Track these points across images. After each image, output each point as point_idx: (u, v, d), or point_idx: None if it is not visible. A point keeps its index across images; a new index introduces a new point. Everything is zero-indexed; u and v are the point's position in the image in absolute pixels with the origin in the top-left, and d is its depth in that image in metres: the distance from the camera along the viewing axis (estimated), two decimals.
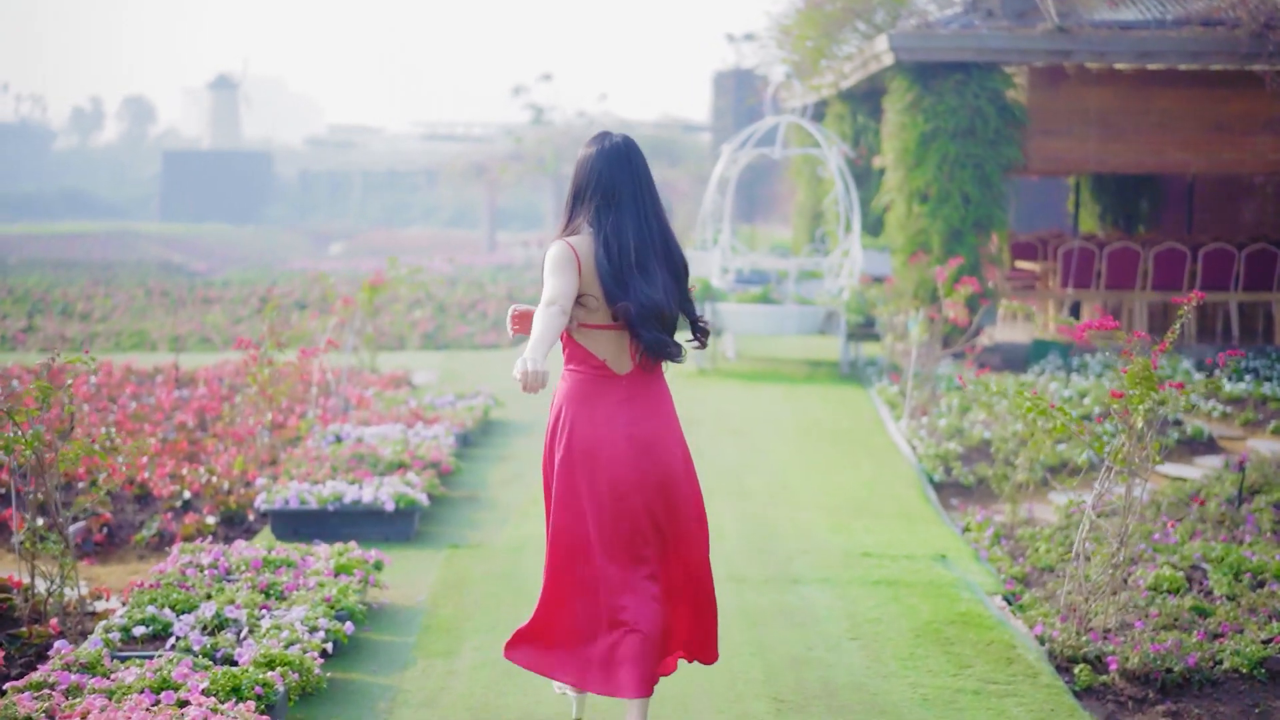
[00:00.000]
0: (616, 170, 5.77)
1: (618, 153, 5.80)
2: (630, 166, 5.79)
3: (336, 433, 12.09)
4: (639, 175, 5.80)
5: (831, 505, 10.98)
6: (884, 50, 18.63)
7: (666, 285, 5.75)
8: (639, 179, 5.79)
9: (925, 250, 18.39)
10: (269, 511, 9.58)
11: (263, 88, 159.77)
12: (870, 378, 17.41)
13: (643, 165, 5.83)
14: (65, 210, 72.23)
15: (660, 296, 5.71)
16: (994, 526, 10.40)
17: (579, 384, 5.88)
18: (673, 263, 5.82)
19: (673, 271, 5.82)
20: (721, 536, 9.82)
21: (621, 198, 5.75)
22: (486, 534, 9.95)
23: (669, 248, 5.82)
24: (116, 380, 15.87)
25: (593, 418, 5.82)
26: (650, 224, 5.77)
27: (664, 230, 5.81)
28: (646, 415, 5.86)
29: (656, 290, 5.71)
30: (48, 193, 75.12)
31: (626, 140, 5.86)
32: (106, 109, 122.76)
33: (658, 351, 5.77)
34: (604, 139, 5.87)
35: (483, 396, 14.52)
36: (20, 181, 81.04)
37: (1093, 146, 19.05)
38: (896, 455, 13.06)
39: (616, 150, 5.80)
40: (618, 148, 5.81)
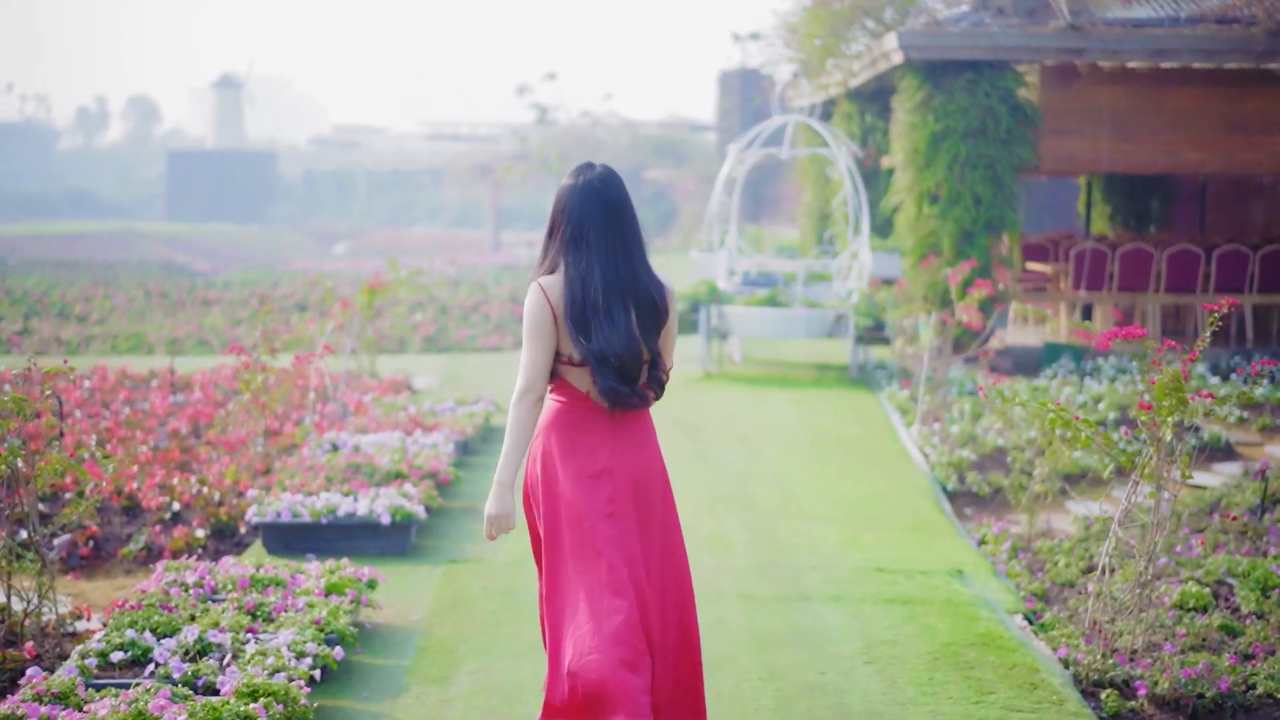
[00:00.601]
0: (587, 206, 5.56)
1: (590, 188, 5.59)
2: (602, 201, 5.57)
3: (333, 441, 11.76)
4: (611, 210, 5.57)
5: (842, 517, 10.64)
6: (893, 48, 18.32)
7: (630, 328, 5.51)
8: (610, 214, 5.57)
9: (936, 252, 18.06)
10: (260, 524, 9.24)
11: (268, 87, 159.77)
12: (880, 382, 17.07)
13: (616, 199, 5.59)
14: (69, 210, 72.17)
15: (620, 341, 5.47)
16: (1011, 539, 10.07)
17: (561, 413, 5.68)
18: (642, 303, 5.56)
19: (644, 311, 5.56)
20: (729, 551, 9.49)
21: (590, 235, 5.54)
22: (486, 548, 9.60)
23: (638, 286, 5.56)
24: (110, 385, 15.54)
25: (574, 449, 5.62)
26: (618, 261, 5.54)
27: (634, 268, 5.57)
28: (630, 448, 5.63)
29: (617, 334, 5.47)
30: (52, 192, 75.06)
31: (604, 174, 5.64)
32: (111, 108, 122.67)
33: (613, 400, 5.54)
34: (580, 172, 5.66)
35: (484, 402, 14.19)
36: (24, 181, 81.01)
37: (1106, 146, 18.73)
38: (908, 463, 12.72)
39: (589, 185, 5.59)
40: (590, 183, 5.60)
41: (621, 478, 5.58)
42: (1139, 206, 24.26)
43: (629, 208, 5.62)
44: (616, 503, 5.57)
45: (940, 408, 14.17)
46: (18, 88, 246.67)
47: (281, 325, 22.11)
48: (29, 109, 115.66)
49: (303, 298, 26.01)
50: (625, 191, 5.64)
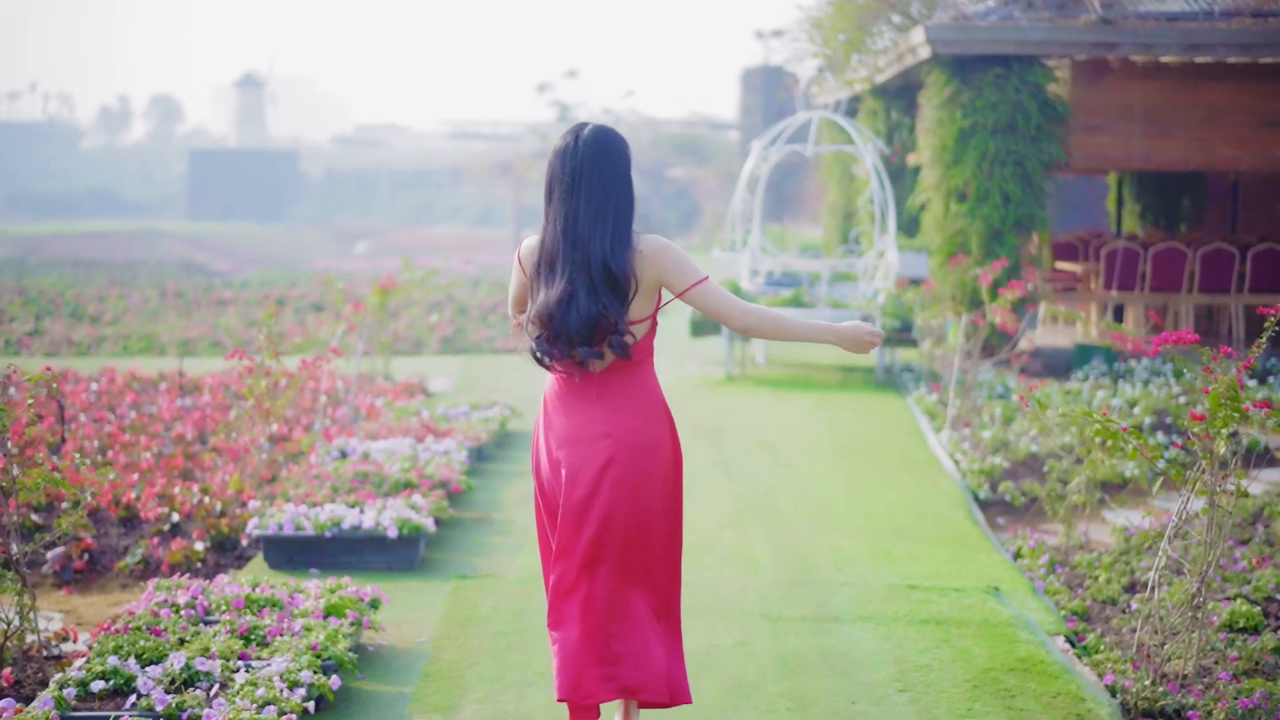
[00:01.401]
0: (558, 165, 5.49)
1: (565, 149, 5.49)
2: (572, 162, 5.46)
3: (341, 448, 11.34)
4: (580, 171, 5.44)
5: (872, 529, 10.19)
6: (920, 43, 17.88)
7: (569, 289, 5.39)
8: (578, 175, 5.44)
9: (964, 251, 17.61)
10: (261, 538, 8.81)
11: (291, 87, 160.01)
12: (906, 385, 16.62)
13: (591, 160, 5.45)
14: (92, 209, 72.22)
15: (553, 300, 5.40)
16: (1048, 552, 9.61)
17: (551, 383, 5.72)
18: (594, 266, 5.40)
19: (597, 277, 5.40)
20: (754, 567, 9.04)
21: (556, 194, 5.49)
22: (498, 562, 9.17)
23: (589, 250, 5.40)
24: (118, 387, 15.15)
25: (549, 419, 5.67)
26: (576, 223, 5.42)
27: (591, 230, 5.40)
28: (621, 414, 5.53)
29: (552, 292, 5.40)
30: (74, 191, 75.13)
31: (588, 135, 5.51)
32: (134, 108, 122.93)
33: (537, 359, 5.57)
34: (568, 133, 5.56)
35: (499, 407, 13.75)
36: (47, 180, 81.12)
37: (1138, 143, 18.27)
38: (938, 471, 12.27)
39: (566, 146, 5.50)
40: (568, 144, 5.50)
41: (579, 449, 5.53)
42: (1169, 205, 23.77)
43: (606, 170, 5.45)
44: (568, 479, 5.54)
45: (970, 412, 13.72)
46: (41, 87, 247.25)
47: (296, 326, 21.72)
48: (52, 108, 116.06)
49: (319, 298, 25.61)
50: (607, 155, 5.47)
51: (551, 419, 5.64)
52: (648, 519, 5.56)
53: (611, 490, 5.49)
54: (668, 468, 5.61)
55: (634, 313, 5.46)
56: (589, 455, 5.51)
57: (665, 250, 5.43)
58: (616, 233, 5.41)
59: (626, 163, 5.50)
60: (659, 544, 5.60)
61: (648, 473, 5.54)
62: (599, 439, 5.51)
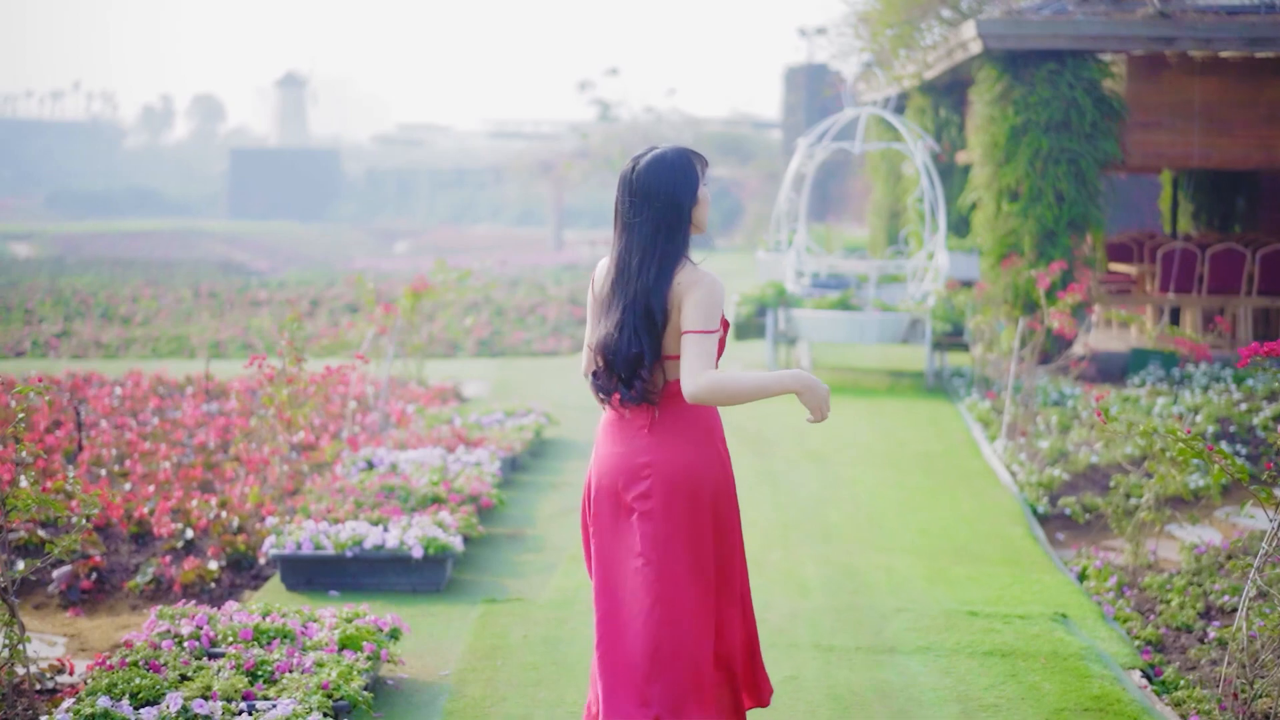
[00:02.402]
0: (619, 192, 5.29)
1: (624, 175, 5.28)
2: (629, 190, 5.24)
3: (369, 458, 10.80)
4: (635, 199, 5.22)
5: (927, 548, 9.60)
6: (971, 38, 17.30)
7: (616, 323, 5.20)
8: (634, 204, 5.22)
9: (1017, 252, 17.03)
10: (278, 557, 8.28)
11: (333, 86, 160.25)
12: (957, 391, 16.03)
13: (644, 189, 5.21)
14: (133, 208, 72.20)
15: (606, 335, 5.22)
16: (1115, 573, 9.02)
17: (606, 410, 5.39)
18: (638, 301, 5.17)
19: (639, 311, 5.18)
20: (804, 591, 8.46)
21: (618, 222, 5.29)
22: (530, 584, 8.61)
23: (635, 283, 5.19)
24: (143, 392, 14.67)
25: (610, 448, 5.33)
26: (628, 253, 5.23)
27: (640, 262, 5.20)
28: (639, 447, 5.25)
29: (608, 328, 5.21)
30: (116, 190, 75.09)
31: (646, 161, 5.26)
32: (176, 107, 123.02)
33: (594, 393, 5.32)
34: (632, 158, 5.32)
35: (534, 414, 13.19)
36: (90, 179, 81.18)
37: (1196, 140, 17.67)
38: (994, 483, 11.67)
39: (625, 173, 5.28)
40: (627, 171, 5.28)
41: (605, 481, 5.31)
42: (1223, 204, 23.06)
43: (658, 202, 5.19)
44: (597, 513, 5.36)
45: (1025, 420, 13.13)
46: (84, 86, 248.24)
47: (329, 328, 21.23)
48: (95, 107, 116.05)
49: (354, 299, 25.10)
50: (661, 185, 5.20)
51: (599, 448, 5.39)
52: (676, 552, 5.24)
53: (641, 521, 5.22)
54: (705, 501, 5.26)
55: (670, 347, 5.19)
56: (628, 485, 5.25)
57: (695, 286, 5.12)
58: (661, 268, 5.16)
59: (682, 190, 5.20)
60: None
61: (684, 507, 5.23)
62: (641, 469, 5.23)
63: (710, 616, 5.20)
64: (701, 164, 5.30)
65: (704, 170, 5.31)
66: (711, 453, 5.28)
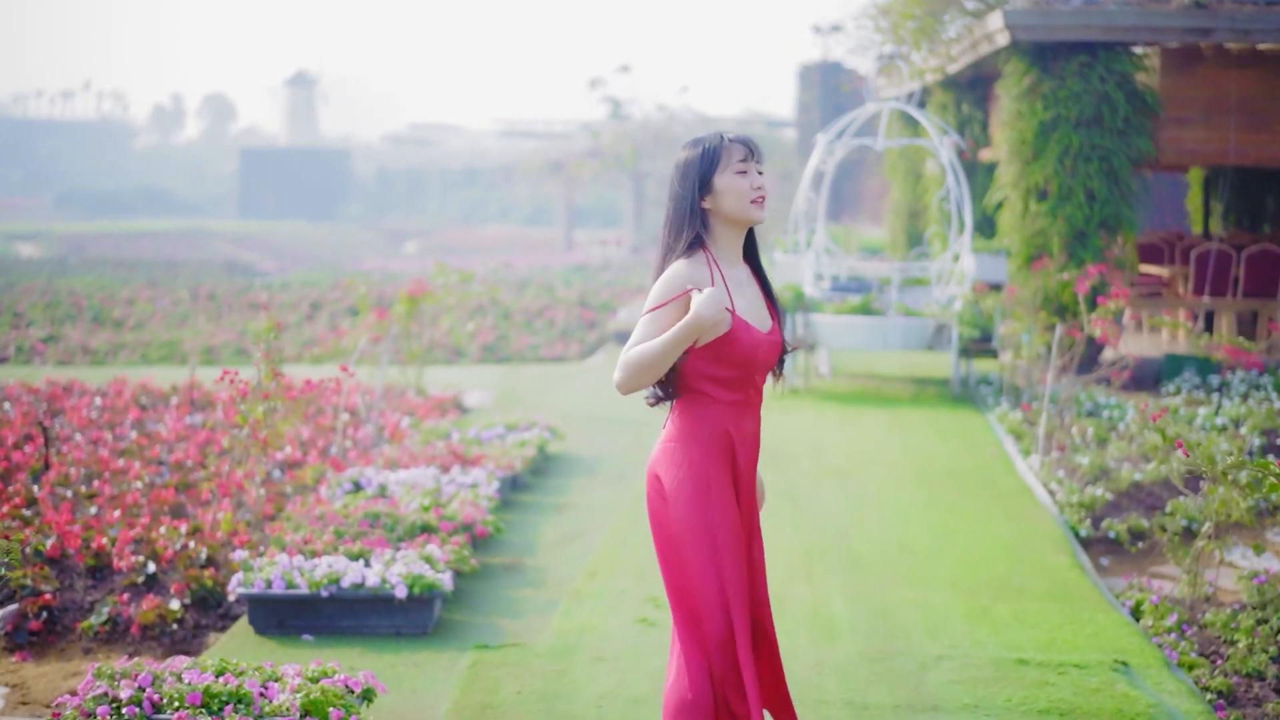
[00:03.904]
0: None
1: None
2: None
3: (355, 479, 9.95)
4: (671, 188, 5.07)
5: (965, 580, 8.72)
6: (998, 29, 16.48)
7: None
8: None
9: (1046, 254, 16.18)
10: (246, 597, 7.44)
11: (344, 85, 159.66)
12: (985, 399, 15.18)
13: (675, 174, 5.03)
14: (143, 208, 71.69)
15: None
16: (1174, 609, 8.15)
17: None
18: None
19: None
20: (832, 634, 7.56)
21: None
22: (527, 626, 7.73)
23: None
24: (124, 402, 13.85)
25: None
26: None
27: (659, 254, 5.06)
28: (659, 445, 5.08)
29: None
30: (126, 190, 74.60)
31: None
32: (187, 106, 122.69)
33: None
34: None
35: (538, 428, 12.33)
36: (100, 179, 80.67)
37: (1232, 137, 16.84)
38: (1032, 503, 10.81)
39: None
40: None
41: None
42: (1253, 204, 22.16)
43: (669, 190, 5.04)
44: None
45: (1057, 430, 12.28)
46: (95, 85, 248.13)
47: (329, 332, 20.39)
48: (106, 107, 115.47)
49: (356, 301, 24.23)
50: (673, 173, 5.02)
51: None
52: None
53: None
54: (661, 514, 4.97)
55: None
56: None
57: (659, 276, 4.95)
58: (661, 262, 5.00)
59: (685, 182, 4.96)
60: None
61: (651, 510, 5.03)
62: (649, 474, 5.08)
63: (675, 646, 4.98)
64: (728, 150, 4.89)
65: (735, 156, 4.90)
66: (679, 459, 4.94)
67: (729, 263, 4.97)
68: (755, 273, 5.08)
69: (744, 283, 5.00)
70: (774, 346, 4.99)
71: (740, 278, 4.99)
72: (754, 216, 4.93)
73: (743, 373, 4.91)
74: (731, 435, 4.94)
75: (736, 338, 4.86)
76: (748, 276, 5.03)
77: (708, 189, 4.89)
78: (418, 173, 76.46)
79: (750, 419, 5.01)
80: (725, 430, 4.93)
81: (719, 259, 4.94)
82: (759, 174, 4.94)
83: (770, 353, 4.98)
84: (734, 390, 4.93)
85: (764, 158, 5.00)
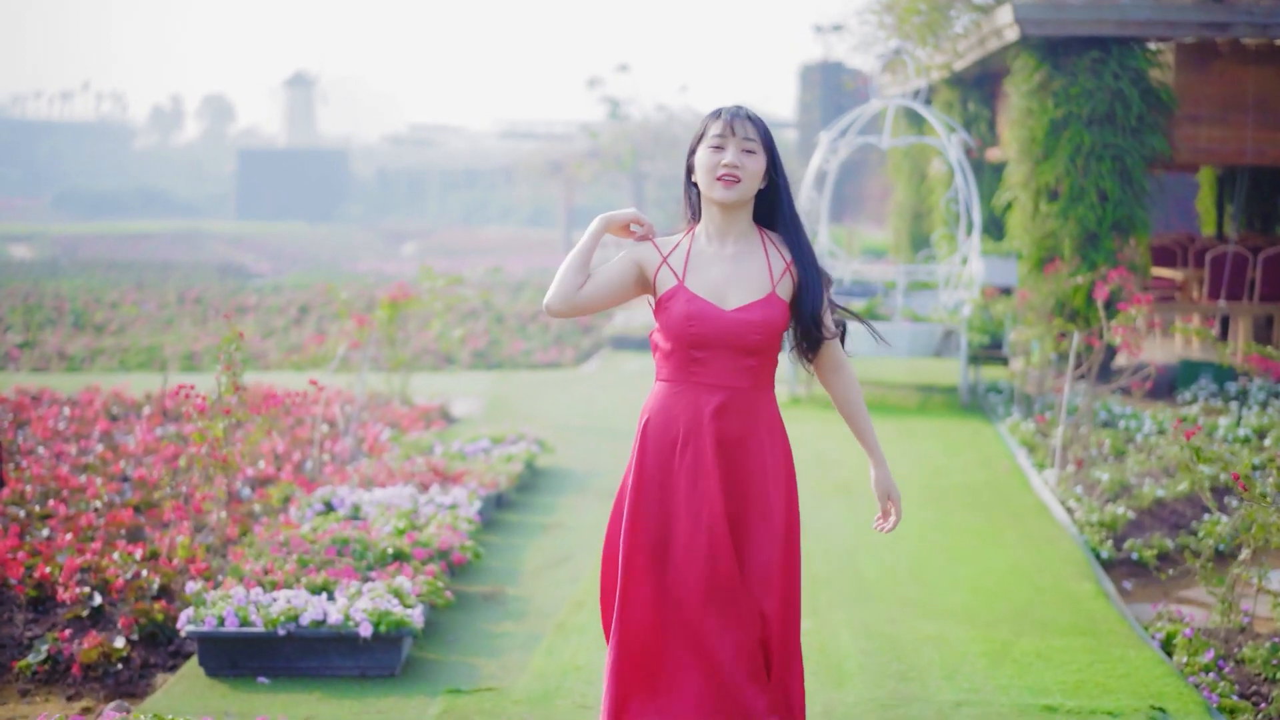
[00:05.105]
0: None
1: None
2: None
3: (327, 498, 9.29)
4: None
5: (983, 611, 8.05)
6: (1007, 24, 15.90)
7: None
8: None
9: (1059, 257, 15.57)
10: (196, 635, 6.78)
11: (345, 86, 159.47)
12: (995, 408, 14.54)
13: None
14: (142, 209, 71.34)
15: None
16: (1210, 644, 7.49)
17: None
18: None
19: None
20: (840, 676, 6.86)
21: None
22: (505, 665, 7.03)
23: None
24: (94, 413, 13.20)
25: None
26: None
27: None
28: None
29: None
30: (125, 191, 74.26)
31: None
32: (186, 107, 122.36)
33: None
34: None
35: (526, 441, 11.67)
36: (99, 180, 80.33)
37: (1250, 135, 16.27)
38: (1049, 523, 10.16)
39: None
40: None
41: None
42: (1265, 205, 21.55)
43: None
44: None
45: (1072, 441, 11.64)
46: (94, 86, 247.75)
47: (316, 337, 19.73)
48: (105, 108, 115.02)
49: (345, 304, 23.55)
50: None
51: None
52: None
53: None
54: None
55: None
56: None
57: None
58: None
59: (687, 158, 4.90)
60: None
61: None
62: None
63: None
64: (710, 124, 4.77)
65: (712, 130, 4.76)
66: (636, 435, 4.86)
67: (718, 239, 4.81)
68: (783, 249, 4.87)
69: (729, 259, 4.79)
70: (737, 325, 4.71)
71: (726, 253, 4.79)
72: (718, 195, 4.72)
73: (678, 347, 4.73)
74: (679, 418, 4.74)
75: (668, 305, 4.72)
76: (744, 252, 4.81)
77: (691, 165, 4.80)
78: (417, 174, 76.04)
79: (710, 403, 4.75)
80: (672, 413, 4.76)
81: (707, 234, 4.83)
82: (746, 151, 4.73)
83: (730, 332, 4.71)
84: (680, 366, 4.76)
85: (758, 133, 4.70)
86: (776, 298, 4.78)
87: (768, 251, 4.82)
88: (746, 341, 4.74)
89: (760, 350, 4.79)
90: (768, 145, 4.79)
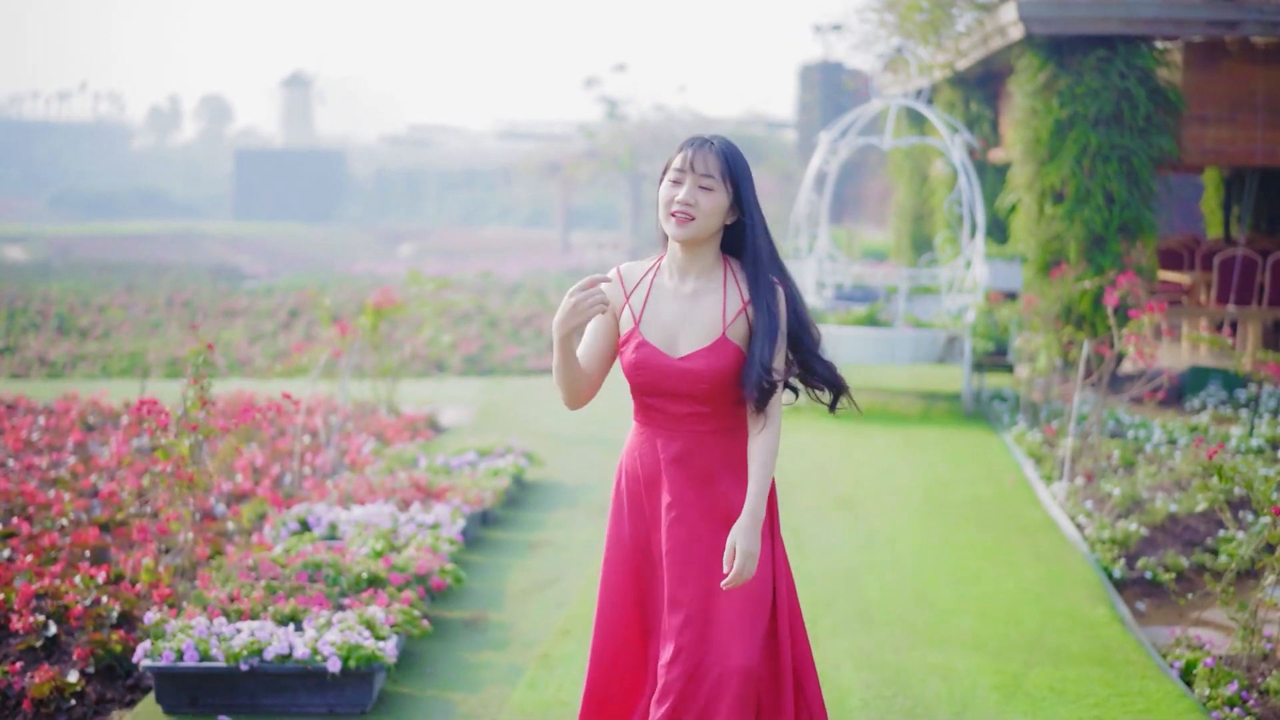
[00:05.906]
0: None
1: None
2: None
3: (303, 517, 8.86)
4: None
5: (992, 639, 7.60)
6: (1011, 22, 15.54)
7: None
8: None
9: (1065, 260, 15.18)
10: (154, 670, 6.35)
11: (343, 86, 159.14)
12: (1000, 417, 14.12)
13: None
14: (139, 210, 71.01)
15: None
16: (1232, 675, 7.07)
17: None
18: None
19: None
20: (844, 712, 6.42)
21: None
22: (484, 701, 6.59)
23: None
24: (70, 423, 12.77)
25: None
26: None
27: None
28: None
29: None
30: (122, 192, 73.95)
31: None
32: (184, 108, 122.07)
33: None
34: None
35: (514, 454, 11.24)
36: (96, 180, 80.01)
37: (1259, 135, 15.94)
38: (1059, 540, 9.73)
39: None
40: None
41: None
42: (1274, 207, 21.13)
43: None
44: None
45: (1081, 454, 11.21)
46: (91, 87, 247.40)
47: (305, 343, 19.30)
48: (102, 108, 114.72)
49: (336, 308, 23.16)
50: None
51: None
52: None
53: None
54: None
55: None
56: None
57: None
58: None
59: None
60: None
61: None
62: None
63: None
64: (674, 158, 4.54)
65: (674, 164, 4.54)
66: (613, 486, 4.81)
67: (679, 274, 4.60)
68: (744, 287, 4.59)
69: (686, 297, 4.58)
70: (684, 375, 4.51)
71: (685, 291, 4.58)
72: (671, 232, 4.51)
73: (633, 392, 4.63)
74: (642, 461, 4.64)
75: (623, 350, 4.61)
76: (702, 290, 4.58)
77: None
78: (416, 174, 75.70)
79: (670, 448, 4.58)
80: (636, 455, 4.67)
81: (669, 268, 4.63)
82: (703, 189, 4.46)
83: (678, 380, 4.52)
84: (640, 409, 4.65)
85: (720, 169, 4.44)
86: (727, 341, 4.51)
87: (726, 290, 4.56)
88: (695, 390, 4.54)
89: (713, 397, 4.55)
90: (735, 180, 4.50)
